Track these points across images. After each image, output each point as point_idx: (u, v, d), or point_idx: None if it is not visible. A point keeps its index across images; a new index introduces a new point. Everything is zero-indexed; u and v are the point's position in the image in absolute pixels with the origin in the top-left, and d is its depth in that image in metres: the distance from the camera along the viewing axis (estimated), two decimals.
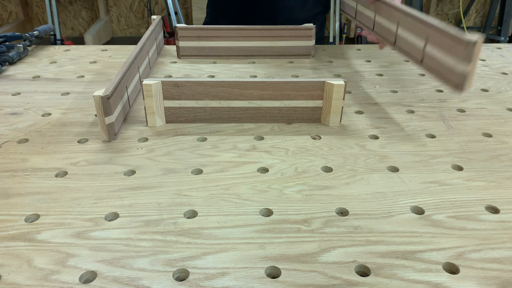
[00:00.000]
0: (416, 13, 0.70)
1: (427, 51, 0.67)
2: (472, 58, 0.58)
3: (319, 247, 0.47)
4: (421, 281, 0.43)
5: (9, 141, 0.67)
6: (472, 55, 0.57)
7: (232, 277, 0.43)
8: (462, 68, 0.59)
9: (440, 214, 0.52)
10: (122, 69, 0.72)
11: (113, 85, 0.66)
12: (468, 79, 0.59)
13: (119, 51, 1.05)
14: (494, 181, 0.58)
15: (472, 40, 0.57)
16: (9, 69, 0.94)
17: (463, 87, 0.60)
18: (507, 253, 0.46)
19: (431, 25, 0.65)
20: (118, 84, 0.68)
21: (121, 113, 0.69)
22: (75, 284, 0.42)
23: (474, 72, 0.59)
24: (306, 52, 1.03)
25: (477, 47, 0.57)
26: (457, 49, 0.60)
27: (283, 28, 1.01)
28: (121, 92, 0.69)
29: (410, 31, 0.72)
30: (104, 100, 0.63)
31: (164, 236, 0.48)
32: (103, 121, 0.65)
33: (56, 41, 2.84)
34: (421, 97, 0.82)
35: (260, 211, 0.52)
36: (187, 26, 1.00)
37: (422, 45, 0.69)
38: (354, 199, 0.55)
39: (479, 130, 0.71)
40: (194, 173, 0.59)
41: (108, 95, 0.63)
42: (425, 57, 0.68)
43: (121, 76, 0.70)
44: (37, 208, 0.52)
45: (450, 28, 0.62)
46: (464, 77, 0.59)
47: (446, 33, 0.62)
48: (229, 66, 0.97)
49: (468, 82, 0.60)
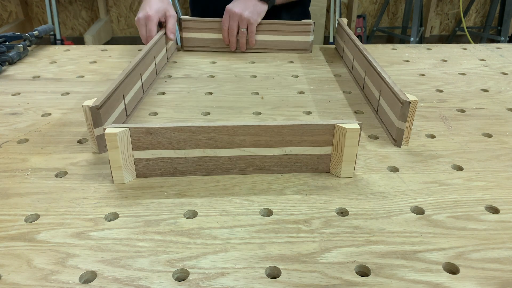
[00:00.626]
0: (377, 65, 0.75)
1: (380, 102, 0.72)
2: (406, 117, 0.63)
3: (319, 247, 0.47)
4: (421, 281, 0.43)
5: (9, 141, 0.66)
6: (406, 114, 0.63)
7: (232, 277, 0.43)
8: (399, 124, 0.64)
9: (440, 214, 0.52)
10: (119, 77, 0.69)
11: (105, 95, 0.62)
12: (405, 136, 0.65)
13: (119, 51, 1.05)
14: (494, 181, 0.58)
15: (407, 100, 0.62)
16: (9, 69, 0.94)
17: (400, 143, 0.66)
18: (507, 253, 0.46)
19: (384, 78, 0.70)
20: (112, 94, 0.64)
21: (115, 122, 0.66)
22: (75, 284, 0.42)
23: (410, 130, 0.64)
24: (304, 47, 1.04)
25: (412, 106, 0.62)
26: (396, 106, 0.65)
27: (282, 23, 1.03)
28: (116, 102, 0.66)
29: (372, 81, 0.78)
30: (93, 111, 0.59)
31: (164, 236, 0.48)
32: (92, 133, 0.61)
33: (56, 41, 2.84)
34: (421, 97, 0.82)
35: (260, 211, 0.52)
36: (191, 18, 1.02)
37: (378, 96, 0.74)
38: (354, 199, 0.55)
39: (479, 130, 0.71)
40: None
41: (98, 105, 0.59)
42: (379, 108, 0.73)
43: (116, 85, 0.66)
44: (37, 208, 0.52)
45: (396, 85, 0.67)
46: (401, 134, 0.65)
47: (392, 89, 0.67)
48: (229, 66, 0.97)
49: (405, 139, 0.65)
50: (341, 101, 0.81)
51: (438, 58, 1.02)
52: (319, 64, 0.99)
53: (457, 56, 1.04)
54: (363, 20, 3.21)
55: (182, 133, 0.55)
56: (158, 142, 0.56)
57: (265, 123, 0.56)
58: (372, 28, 3.31)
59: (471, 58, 1.02)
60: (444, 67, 0.97)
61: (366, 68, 0.80)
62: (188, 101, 0.80)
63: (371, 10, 3.40)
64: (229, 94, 0.83)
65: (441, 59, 1.02)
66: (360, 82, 0.85)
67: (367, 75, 0.80)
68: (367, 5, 3.37)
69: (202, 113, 0.76)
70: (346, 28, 1.00)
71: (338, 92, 0.85)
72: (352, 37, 0.92)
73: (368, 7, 3.38)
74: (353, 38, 0.92)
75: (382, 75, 0.72)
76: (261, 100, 0.81)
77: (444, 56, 1.03)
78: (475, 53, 1.06)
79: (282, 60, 1.00)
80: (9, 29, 2.98)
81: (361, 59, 0.84)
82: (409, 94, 0.63)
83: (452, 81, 0.89)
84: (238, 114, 0.76)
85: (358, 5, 3.29)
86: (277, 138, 0.57)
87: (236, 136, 0.56)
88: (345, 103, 0.80)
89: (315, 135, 0.57)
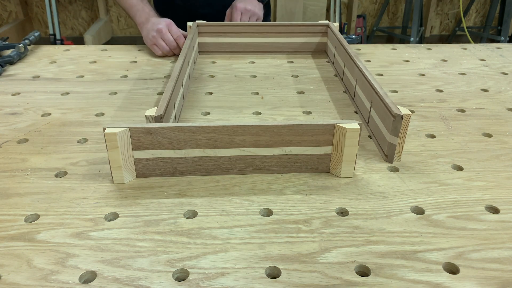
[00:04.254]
0: (368, 74, 0.71)
1: (371, 114, 0.69)
2: (398, 132, 0.59)
3: (319, 247, 0.47)
4: (421, 281, 0.43)
5: (9, 141, 0.66)
6: (399, 128, 0.59)
7: (232, 277, 0.43)
8: (391, 139, 0.61)
9: (440, 214, 0.52)
10: (171, 83, 0.68)
11: (165, 103, 0.61)
12: (397, 151, 0.61)
13: (119, 51, 1.05)
14: (494, 181, 0.58)
15: (399, 113, 0.58)
16: (9, 69, 0.94)
17: (392, 159, 0.62)
18: (507, 253, 0.46)
19: (375, 89, 0.66)
20: (169, 102, 0.63)
21: None
22: (75, 284, 0.42)
23: (403, 145, 0.60)
24: (321, 48, 1.04)
25: (404, 121, 0.58)
26: (388, 119, 0.60)
27: (299, 25, 1.02)
28: (170, 109, 0.66)
29: (362, 91, 0.73)
30: (157, 120, 0.58)
31: (164, 236, 0.48)
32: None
33: (56, 41, 2.83)
34: (421, 97, 0.82)
35: (260, 211, 0.52)
36: (206, 22, 1.02)
37: (369, 107, 0.70)
38: (354, 199, 0.54)
39: (479, 130, 0.71)
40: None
41: (162, 115, 0.58)
42: (370, 119, 0.70)
43: (170, 92, 0.65)
44: (37, 208, 0.52)
45: (387, 97, 0.63)
46: (393, 149, 0.61)
47: (383, 101, 0.62)
48: (229, 66, 0.97)
49: (397, 154, 0.61)
50: (341, 101, 0.81)
51: (438, 58, 1.02)
52: (319, 64, 0.99)
53: (457, 56, 1.04)
54: (363, 20, 3.21)
55: (182, 133, 0.55)
56: (158, 142, 0.55)
57: (265, 123, 0.56)
58: (372, 28, 3.31)
59: (471, 58, 1.02)
60: (444, 67, 0.97)
61: (357, 76, 0.76)
62: (188, 101, 0.80)
63: (371, 10, 3.40)
64: (229, 94, 0.83)
65: (441, 59, 1.02)
66: (351, 91, 0.81)
67: (358, 84, 0.76)
68: (367, 5, 3.37)
69: (202, 113, 0.76)
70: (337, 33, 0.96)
71: (338, 92, 0.85)
72: (343, 43, 0.88)
73: (368, 7, 3.38)
74: (344, 44, 0.88)
75: (373, 85, 0.67)
76: (261, 100, 0.81)
77: (444, 56, 1.03)
78: (475, 53, 1.06)
79: (282, 60, 1.00)
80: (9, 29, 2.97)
81: (351, 67, 0.81)
82: (402, 107, 0.59)
83: (452, 81, 0.89)
84: (238, 114, 0.75)
85: (358, 5, 3.29)
86: (277, 138, 0.57)
87: (236, 136, 0.56)
88: (345, 103, 0.80)
89: (315, 135, 0.57)
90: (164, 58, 1.01)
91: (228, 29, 1.01)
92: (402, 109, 0.59)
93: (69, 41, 3.13)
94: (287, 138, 0.57)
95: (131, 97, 0.81)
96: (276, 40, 1.03)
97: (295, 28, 1.02)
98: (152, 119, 0.58)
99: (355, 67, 0.78)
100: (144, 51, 1.05)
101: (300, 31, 1.02)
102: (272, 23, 1.02)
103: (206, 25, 1.01)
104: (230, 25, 1.02)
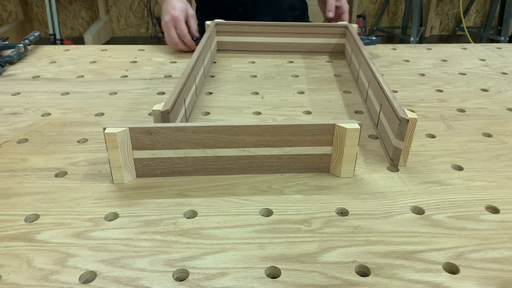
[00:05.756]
0: (380, 77, 0.70)
1: (381, 117, 0.68)
2: (404, 136, 0.58)
3: (319, 247, 0.47)
4: (421, 281, 0.43)
5: (8, 141, 0.66)
6: (404, 132, 0.58)
7: (232, 277, 0.43)
8: (397, 143, 0.60)
9: (440, 214, 0.52)
10: (181, 80, 0.68)
11: (173, 99, 0.61)
12: (403, 156, 0.60)
13: (119, 51, 1.05)
14: (494, 181, 0.58)
15: (405, 117, 0.57)
16: (9, 69, 0.94)
17: (397, 163, 0.61)
18: (507, 253, 0.46)
19: (384, 92, 0.65)
20: (177, 97, 0.63)
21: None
22: (75, 284, 0.42)
23: (409, 150, 0.59)
24: (340, 49, 1.03)
25: (410, 125, 0.57)
26: (395, 123, 0.60)
27: (317, 25, 1.02)
28: (180, 105, 0.66)
29: (374, 94, 0.73)
30: (164, 115, 0.58)
31: (164, 236, 0.48)
32: None
33: (56, 41, 2.83)
34: (421, 97, 0.82)
35: (260, 211, 0.52)
36: (225, 21, 1.02)
37: (378, 110, 0.69)
38: (354, 199, 0.54)
39: (479, 130, 0.71)
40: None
41: (168, 110, 0.59)
42: (379, 122, 0.69)
43: (180, 89, 0.65)
44: (36, 208, 0.52)
45: (396, 100, 0.62)
46: (398, 153, 0.60)
47: (391, 104, 0.61)
48: (229, 66, 0.97)
49: (403, 159, 0.60)
50: (341, 101, 0.81)
51: (438, 58, 1.02)
52: (319, 64, 0.99)
53: (457, 56, 1.04)
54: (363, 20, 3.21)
55: (182, 133, 0.55)
56: (158, 142, 0.55)
57: (265, 123, 0.56)
58: (372, 28, 3.31)
59: (471, 58, 1.02)
60: (444, 67, 0.97)
61: (370, 79, 0.76)
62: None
63: (371, 10, 3.40)
64: (229, 94, 0.83)
65: (441, 59, 1.02)
66: (364, 93, 0.81)
67: (370, 87, 0.76)
68: (367, 5, 3.37)
69: (202, 113, 0.76)
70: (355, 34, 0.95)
71: (338, 92, 0.85)
72: (359, 45, 0.88)
73: (368, 7, 3.38)
74: (360, 47, 0.87)
75: (383, 87, 0.66)
76: (261, 100, 0.81)
77: (444, 56, 1.03)
78: (475, 53, 1.06)
79: (282, 60, 1.00)
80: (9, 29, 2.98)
81: (365, 69, 0.80)
82: (409, 111, 0.59)
83: (452, 81, 0.89)
84: (238, 114, 0.75)
85: (358, 5, 3.29)
86: (277, 138, 0.57)
87: (236, 136, 0.56)
88: (345, 103, 0.80)
89: (315, 135, 0.57)
90: (164, 58, 1.01)
91: (247, 28, 1.01)
92: (409, 113, 0.58)
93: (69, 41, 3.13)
94: (287, 138, 0.57)
95: (131, 97, 0.81)
96: (293, 41, 1.02)
97: (313, 29, 1.01)
98: (159, 114, 0.58)
99: (368, 69, 0.77)
100: (144, 51, 1.05)
101: (318, 32, 1.02)
102: (290, 23, 1.01)
103: (225, 24, 1.01)
104: (249, 24, 1.01)
